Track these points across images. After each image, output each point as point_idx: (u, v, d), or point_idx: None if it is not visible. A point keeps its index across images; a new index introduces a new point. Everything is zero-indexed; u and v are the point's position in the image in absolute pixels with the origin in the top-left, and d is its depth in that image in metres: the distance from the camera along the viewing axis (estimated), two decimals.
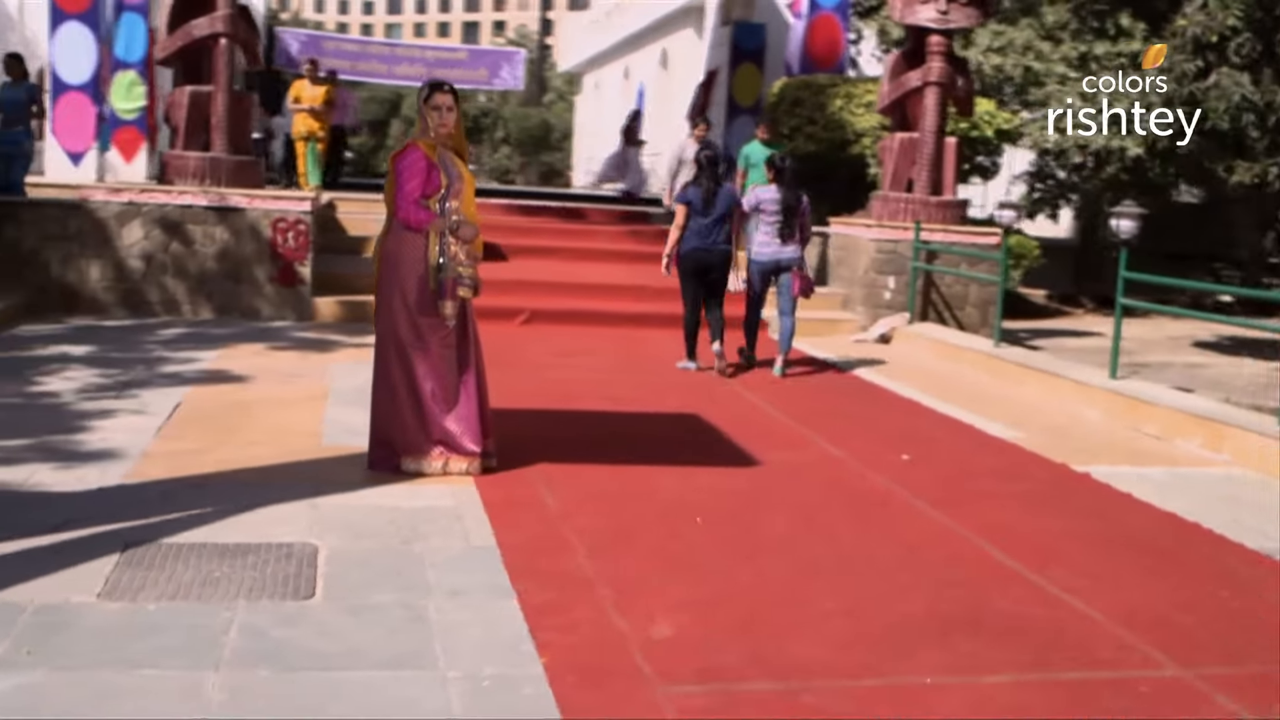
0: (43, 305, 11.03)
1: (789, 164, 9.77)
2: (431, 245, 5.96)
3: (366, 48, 36.35)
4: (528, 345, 10.70)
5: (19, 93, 12.66)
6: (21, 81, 12.69)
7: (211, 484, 5.71)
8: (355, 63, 34.10)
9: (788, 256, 9.66)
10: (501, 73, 34.35)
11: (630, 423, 7.73)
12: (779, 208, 9.56)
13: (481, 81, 35.63)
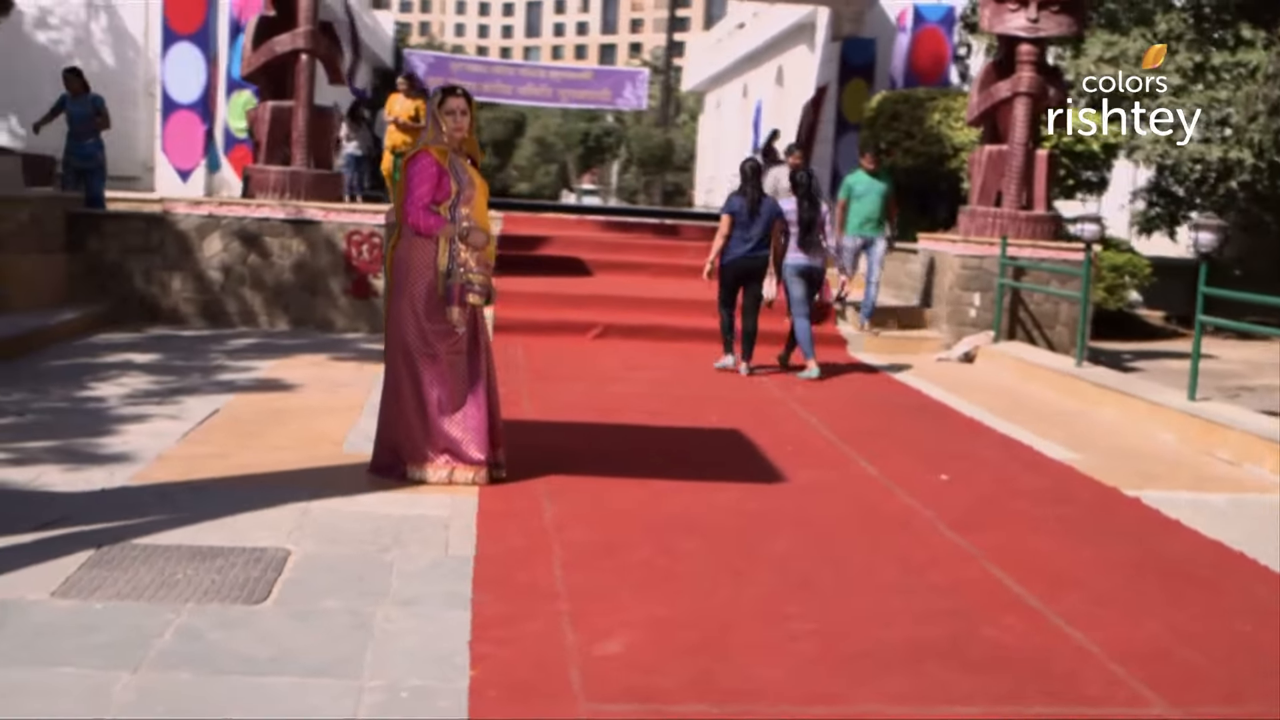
0: (125, 315, 11.30)
1: (807, 179, 10.34)
2: (441, 251, 5.88)
3: (491, 68, 36.83)
4: (597, 359, 10.61)
5: (83, 107, 12.99)
6: (82, 95, 13.00)
7: (212, 488, 5.70)
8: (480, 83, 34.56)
9: (815, 265, 10.17)
10: (625, 92, 34.49)
11: (667, 438, 7.55)
12: (796, 219, 10.04)
13: (605, 101, 35.85)
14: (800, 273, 10.12)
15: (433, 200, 5.87)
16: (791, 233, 10.00)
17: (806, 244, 10.05)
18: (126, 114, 18.84)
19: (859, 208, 12.04)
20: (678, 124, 59.22)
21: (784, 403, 8.98)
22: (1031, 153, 12.15)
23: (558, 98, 35.27)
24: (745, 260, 9.86)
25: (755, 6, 31.10)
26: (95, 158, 12.76)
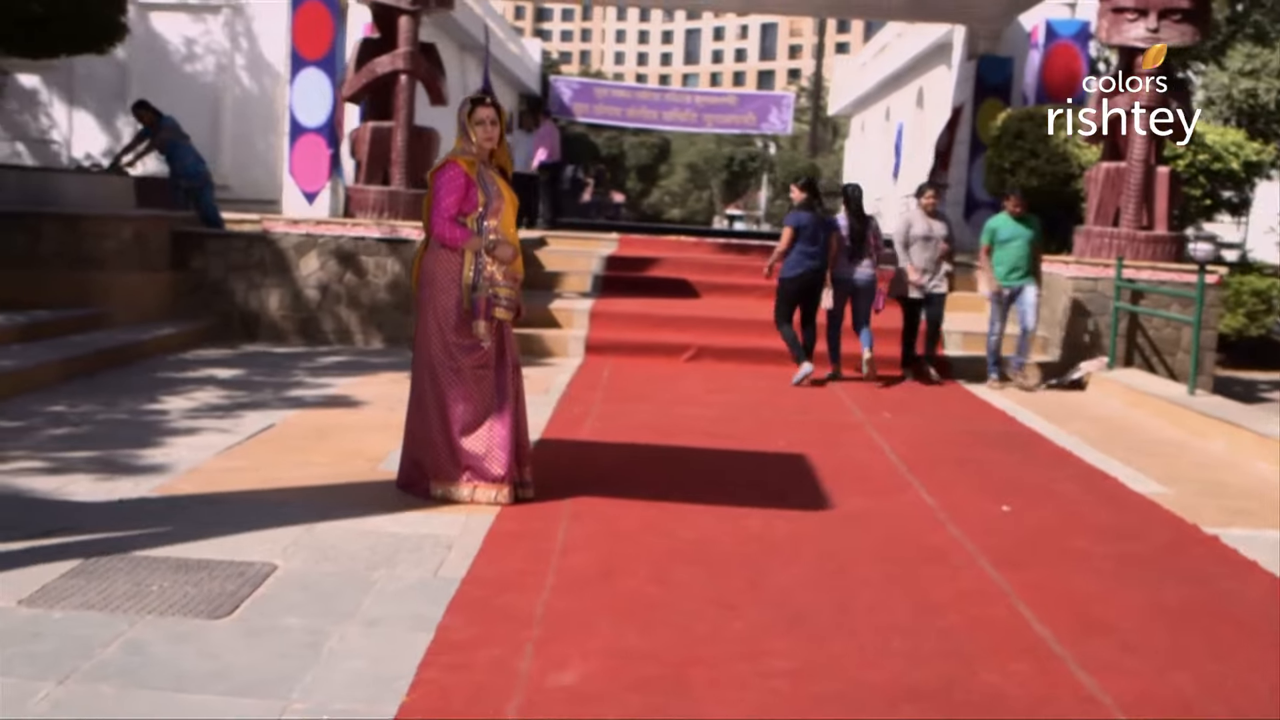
0: (226, 332, 11.53)
1: (857, 194, 10.94)
2: (466, 264, 5.75)
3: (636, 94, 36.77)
4: (681, 381, 10.39)
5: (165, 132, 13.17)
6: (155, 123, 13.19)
7: (227, 501, 5.65)
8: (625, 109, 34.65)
9: (866, 277, 10.59)
10: (770, 117, 34.14)
11: (720, 461, 7.28)
12: (848, 234, 10.55)
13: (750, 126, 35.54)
14: (848, 286, 10.61)
15: (459, 212, 5.75)
16: (842, 248, 10.61)
17: (856, 257, 10.56)
18: (269, 140, 19.42)
19: (1004, 255, 10.77)
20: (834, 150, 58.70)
21: (861, 427, 8.61)
22: (1152, 170, 11.51)
23: (703, 123, 35.11)
24: (810, 275, 10.44)
25: (899, 27, 30.55)
26: (199, 174, 13.06)
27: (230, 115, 20.41)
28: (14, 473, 5.96)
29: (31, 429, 7.04)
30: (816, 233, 10.36)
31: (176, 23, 20.85)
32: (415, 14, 12.09)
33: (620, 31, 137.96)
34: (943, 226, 10.79)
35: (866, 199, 11.20)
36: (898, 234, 10.80)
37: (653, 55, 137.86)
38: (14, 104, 21.72)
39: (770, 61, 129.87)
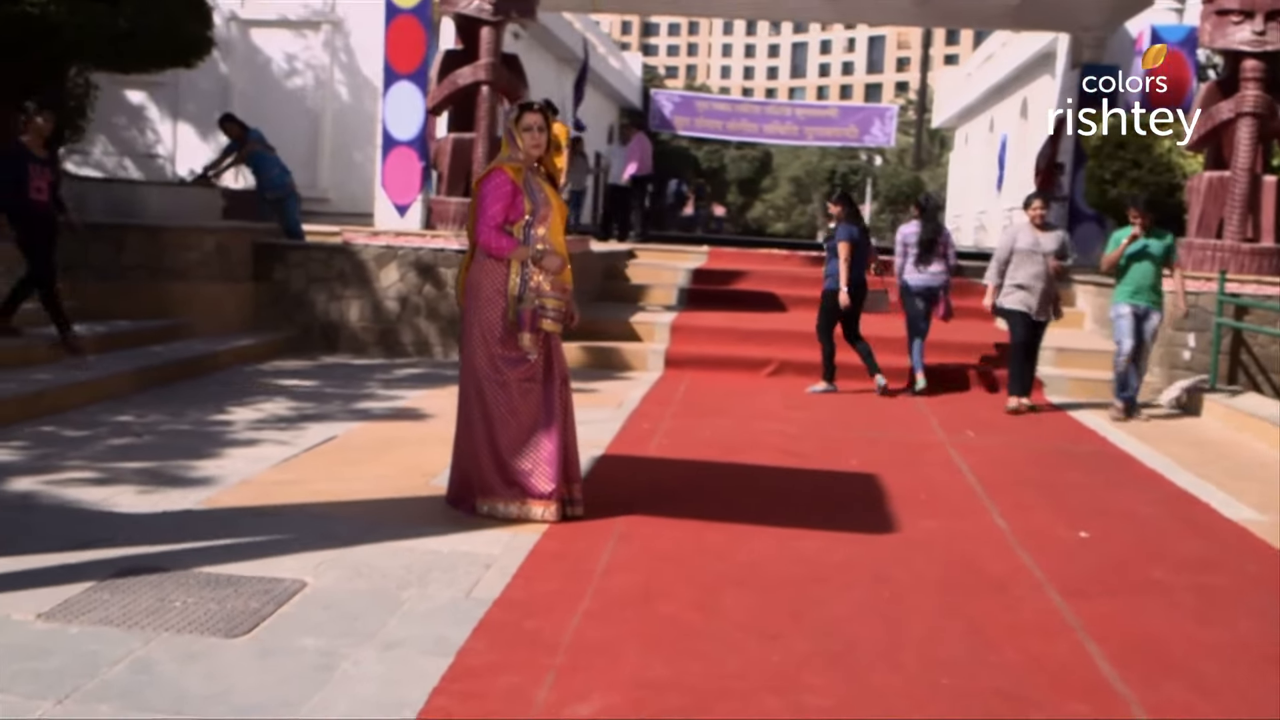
0: (306, 343, 11.56)
1: (930, 202, 11.24)
2: (512, 275, 5.59)
3: (737, 107, 36.66)
4: (761, 396, 10.15)
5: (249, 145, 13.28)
6: (242, 136, 13.30)
7: (271, 515, 5.56)
8: (726, 122, 34.55)
9: (938, 284, 10.69)
10: (873, 129, 33.75)
11: (787, 480, 7.02)
12: (917, 240, 10.66)
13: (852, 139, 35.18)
14: (917, 292, 10.67)
15: (505, 220, 5.59)
16: (910, 253, 10.67)
17: (925, 262, 10.65)
18: (366, 153, 19.60)
19: (1129, 273, 9.74)
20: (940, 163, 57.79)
21: (941, 446, 8.28)
22: (1258, 179, 10.98)
23: (804, 135, 34.83)
24: (856, 288, 10.50)
25: (1003, 36, 29.94)
26: (283, 186, 13.13)
27: (329, 129, 20.67)
28: (65, 483, 5.94)
29: (94, 438, 7.05)
30: (863, 244, 10.66)
31: (277, 38, 21.18)
32: (497, 25, 12.03)
33: (726, 45, 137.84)
34: (1053, 240, 9.78)
35: (970, 213, 10.98)
36: (998, 249, 10.07)
37: (759, 69, 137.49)
38: (121, 119, 22.25)
39: (878, 74, 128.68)
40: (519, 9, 12.26)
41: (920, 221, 10.77)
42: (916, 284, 10.70)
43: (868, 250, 10.80)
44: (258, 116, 19.99)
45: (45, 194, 8.78)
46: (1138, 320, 9.73)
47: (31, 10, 10.30)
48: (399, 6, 18.10)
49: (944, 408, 10.00)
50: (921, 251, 10.63)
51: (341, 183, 20.35)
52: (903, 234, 10.92)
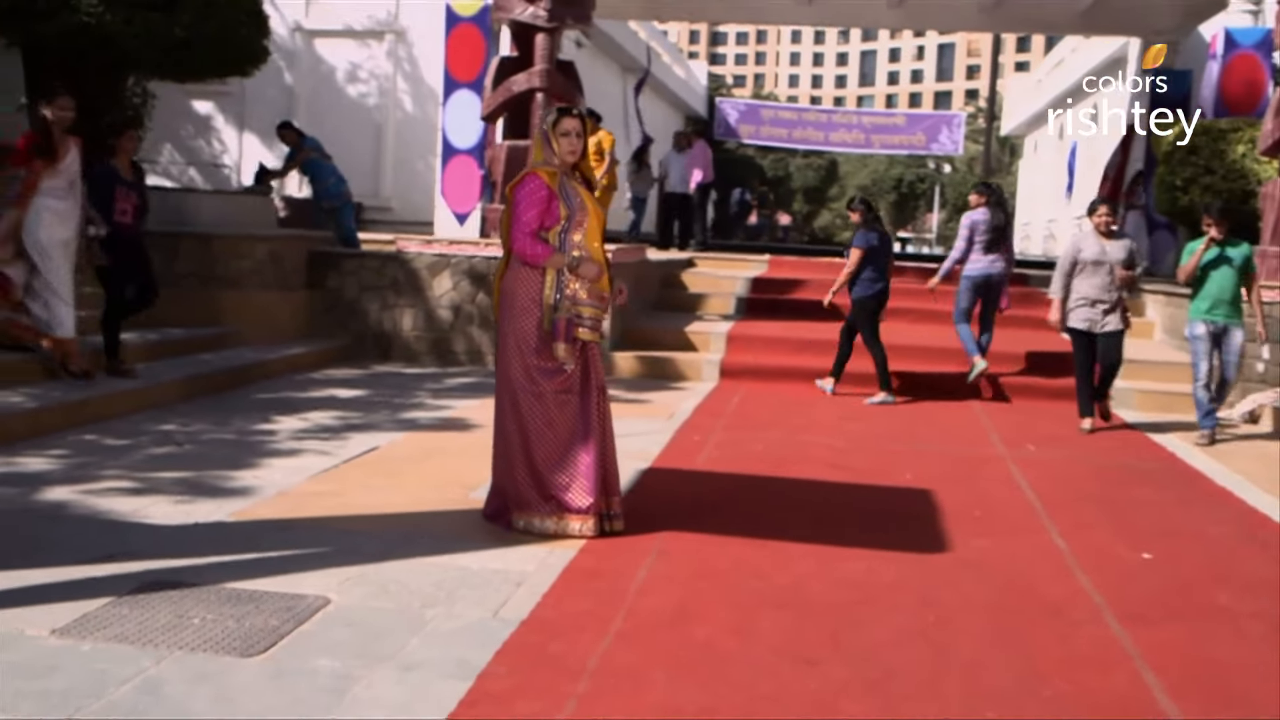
0: (360, 352, 11.51)
1: (998, 188, 11.12)
2: (547, 283, 5.44)
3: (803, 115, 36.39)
4: (813, 408, 9.93)
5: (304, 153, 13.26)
6: (298, 143, 13.28)
7: (302, 528, 5.44)
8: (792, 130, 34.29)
9: (998, 271, 10.65)
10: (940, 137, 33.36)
11: (837, 495, 6.80)
12: (989, 227, 10.58)
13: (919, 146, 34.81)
14: (976, 281, 10.67)
15: (541, 226, 5.44)
16: (979, 241, 10.62)
17: (991, 250, 10.61)
18: (428, 162, 19.63)
19: (1206, 285, 9.15)
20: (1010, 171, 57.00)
21: (1001, 460, 8.01)
22: None
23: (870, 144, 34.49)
24: (883, 294, 10.55)
25: (1073, 42, 29.44)
26: (339, 195, 13.12)
27: (391, 138, 20.74)
28: (99, 492, 5.88)
29: (135, 448, 6.99)
30: (882, 251, 10.53)
31: (342, 48, 21.30)
32: (552, 31, 11.91)
33: (794, 54, 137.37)
34: (1120, 249, 9.18)
35: (1039, 221, 10.75)
36: (1062, 258, 9.42)
37: (827, 78, 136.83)
38: (188, 129, 22.48)
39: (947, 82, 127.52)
40: (574, 15, 12.15)
41: (989, 208, 10.73)
42: (976, 273, 10.66)
43: (889, 257, 10.70)
44: (322, 126, 20.13)
45: (130, 216, 8.67)
46: (1215, 339, 9.12)
47: (87, 20, 10.34)
48: (459, 15, 18.14)
49: (1005, 420, 9.71)
50: (992, 239, 10.59)
51: (404, 191, 20.40)
52: (971, 220, 10.75)
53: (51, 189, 8.02)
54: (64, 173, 8.10)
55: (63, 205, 8.08)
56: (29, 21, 10.48)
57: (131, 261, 8.70)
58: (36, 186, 7.95)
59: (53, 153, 8.02)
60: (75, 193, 8.20)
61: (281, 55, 21.12)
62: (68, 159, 8.13)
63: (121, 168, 8.75)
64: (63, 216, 8.09)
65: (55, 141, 8.05)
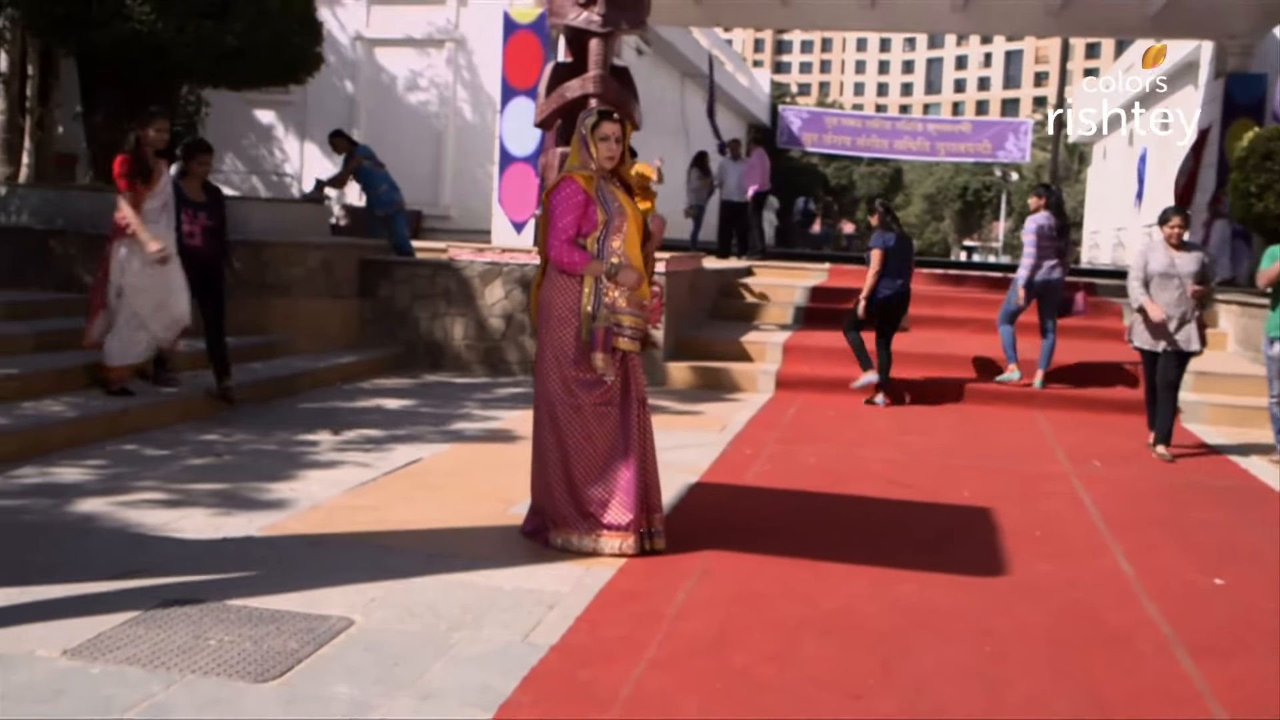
0: (411, 361, 11.39)
1: (1058, 190, 11.05)
2: (585, 291, 5.24)
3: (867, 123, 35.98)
4: (870, 420, 9.65)
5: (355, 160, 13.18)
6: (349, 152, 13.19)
7: (332, 544, 5.27)
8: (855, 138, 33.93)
9: (1056, 277, 10.58)
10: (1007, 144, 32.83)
11: (892, 513, 6.52)
12: (1053, 231, 10.48)
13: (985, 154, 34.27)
14: (1038, 287, 10.59)
15: (578, 233, 5.25)
16: (1045, 245, 10.50)
17: (1054, 254, 10.53)
18: (487, 170, 19.58)
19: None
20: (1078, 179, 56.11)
21: (1065, 477, 7.69)
22: None
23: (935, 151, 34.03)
24: (895, 296, 10.33)
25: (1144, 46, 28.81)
26: (392, 203, 13.03)
27: (451, 146, 20.73)
28: (131, 504, 5.76)
29: (173, 458, 6.89)
30: (900, 252, 10.40)
31: (402, 57, 21.33)
32: (606, 36, 11.72)
33: (860, 62, 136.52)
34: (1191, 261, 8.44)
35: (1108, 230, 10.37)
36: (1132, 270, 8.66)
37: (892, 86, 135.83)
38: (250, 138, 22.63)
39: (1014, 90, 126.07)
40: (628, 20, 11.94)
41: (1050, 211, 10.64)
42: (1036, 278, 10.61)
43: (908, 258, 10.59)
44: (382, 135, 20.18)
45: (199, 239, 8.46)
46: None
47: (140, 28, 10.33)
48: (517, 22, 18.06)
49: (1070, 434, 9.37)
50: (1058, 242, 10.54)
51: (463, 199, 20.37)
52: (1036, 224, 10.61)
53: (146, 212, 7.96)
54: (158, 195, 8.04)
55: (156, 229, 7.99)
56: (83, 29, 10.48)
57: (202, 284, 8.49)
58: (138, 211, 7.91)
59: (148, 175, 7.96)
60: (168, 215, 8.15)
61: (343, 64, 21.22)
62: (161, 181, 8.07)
63: (189, 189, 8.48)
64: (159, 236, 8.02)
65: (150, 164, 7.99)
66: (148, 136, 7.99)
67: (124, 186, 7.93)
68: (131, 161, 7.94)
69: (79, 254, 10.01)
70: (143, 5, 10.32)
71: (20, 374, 7.64)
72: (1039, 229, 10.55)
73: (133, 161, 7.94)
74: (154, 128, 8.01)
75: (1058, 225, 10.58)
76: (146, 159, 7.98)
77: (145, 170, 7.96)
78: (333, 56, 21.37)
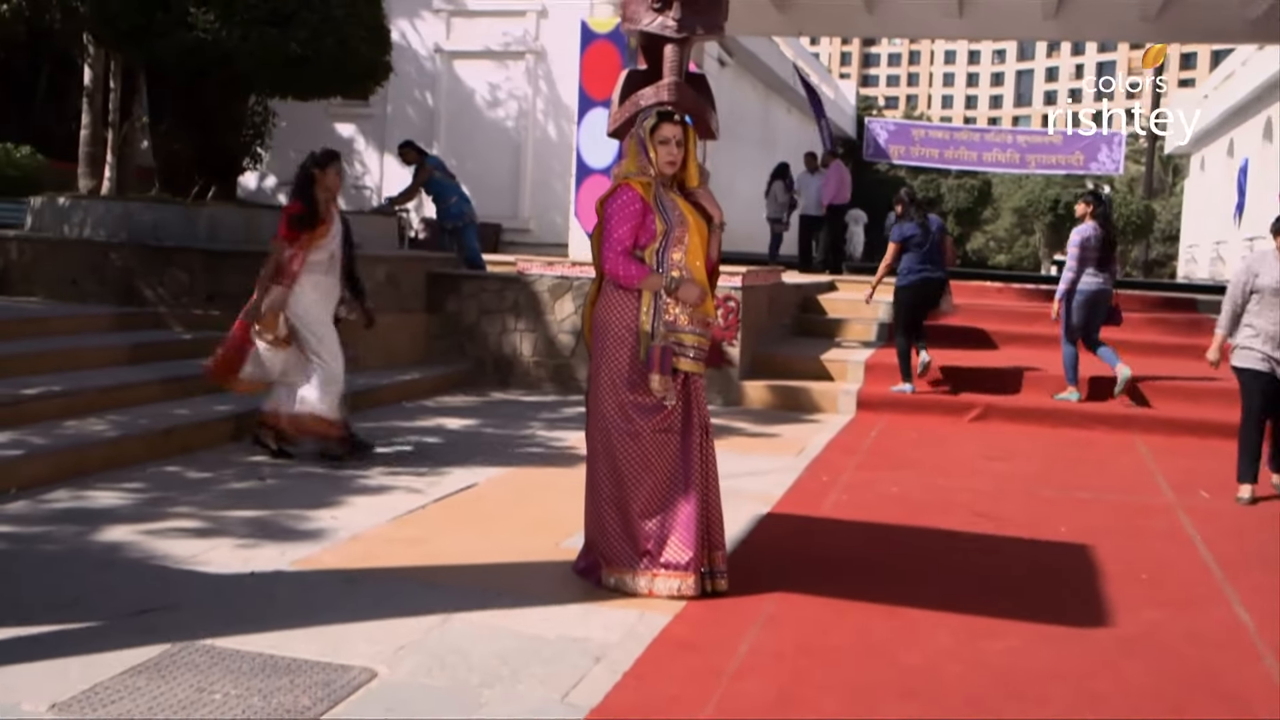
0: (478, 378, 11.05)
1: (1108, 198, 10.91)
2: (643, 307, 4.79)
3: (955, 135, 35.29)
4: (960, 444, 9.09)
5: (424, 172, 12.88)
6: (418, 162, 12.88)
7: (367, 580, 4.88)
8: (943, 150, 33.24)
9: (1106, 290, 10.16)
10: (1100, 156, 31.96)
11: (980, 551, 5.97)
12: (1099, 242, 10.01)
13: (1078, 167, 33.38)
14: (1091, 299, 10.11)
15: (635, 244, 4.81)
16: (1090, 257, 10.05)
17: (1104, 265, 10.13)
18: (565, 183, 19.27)
19: None
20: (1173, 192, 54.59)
21: (1170, 511, 7.08)
22: None
23: (1025, 163, 33.24)
24: (923, 283, 10.34)
25: (1244, 53, 27.81)
26: (462, 215, 12.72)
27: (530, 159, 20.46)
28: (161, 533, 5.42)
29: (215, 481, 6.55)
30: (925, 242, 10.34)
31: (481, 70, 21.15)
32: (682, 42, 11.27)
33: (948, 75, 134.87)
34: None
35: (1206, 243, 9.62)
36: (1233, 284, 7.72)
37: (981, 98, 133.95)
38: None
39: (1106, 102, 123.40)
40: (705, 25, 11.37)
41: (1097, 221, 10.16)
42: (1089, 289, 10.13)
43: (940, 249, 10.53)
44: (461, 147, 20.00)
45: None
46: None
47: (203, 37, 10.10)
48: (595, 32, 17.71)
49: (1173, 461, 8.73)
50: (1104, 254, 10.10)
51: (542, 212, 20.08)
52: (1081, 236, 10.10)
53: (315, 263, 7.09)
54: (325, 247, 7.14)
55: (326, 280, 7.18)
56: (147, 39, 10.29)
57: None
58: (304, 260, 7.03)
59: (319, 223, 7.07)
60: (336, 266, 7.26)
61: (422, 77, 21.09)
62: (331, 232, 7.17)
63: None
64: (326, 292, 7.20)
65: (322, 210, 7.09)
66: (325, 180, 7.07)
67: (285, 235, 6.98)
68: (304, 209, 7.01)
69: (139, 266, 9.79)
70: (206, 14, 10.09)
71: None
72: (1084, 241, 10.04)
73: (305, 209, 7.01)
74: (333, 170, 7.09)
75: (1105, 237, 10.10)
76: (319, 206, 7.07)
77: (316, 218, 7.04)
78: (412, 69, 21.25)
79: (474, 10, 21.16)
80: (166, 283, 9.72)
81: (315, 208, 7.07)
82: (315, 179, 7.07)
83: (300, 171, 7.12)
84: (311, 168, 7.06)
